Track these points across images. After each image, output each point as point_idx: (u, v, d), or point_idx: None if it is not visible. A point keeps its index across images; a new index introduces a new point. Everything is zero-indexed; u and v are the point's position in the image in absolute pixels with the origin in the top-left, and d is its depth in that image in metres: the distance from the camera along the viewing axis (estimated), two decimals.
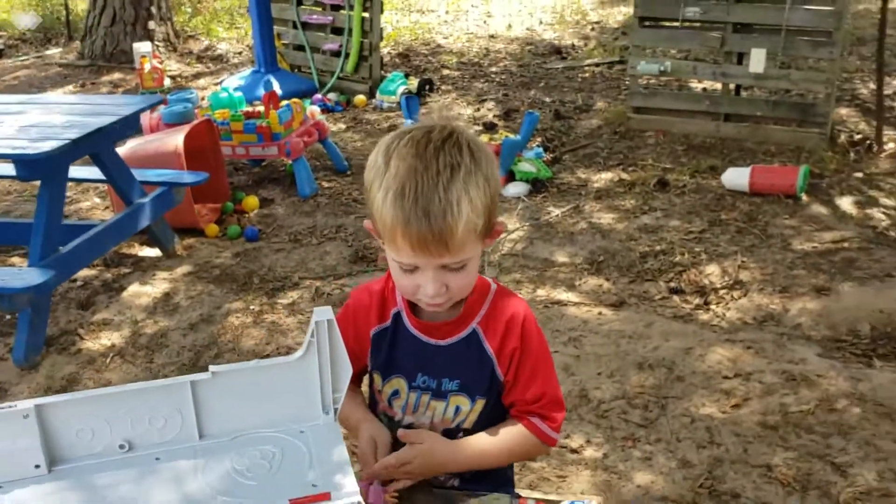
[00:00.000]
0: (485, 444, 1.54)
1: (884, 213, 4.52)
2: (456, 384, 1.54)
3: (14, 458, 1.21)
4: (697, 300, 3.79)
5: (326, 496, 1.14)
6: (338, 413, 1.30)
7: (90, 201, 5.07)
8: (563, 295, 3.84)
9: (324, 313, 1.25)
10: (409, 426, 1.58)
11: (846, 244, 4.19)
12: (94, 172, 4.06)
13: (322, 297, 3.88)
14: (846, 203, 4.65)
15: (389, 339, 1.57)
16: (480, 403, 1.55)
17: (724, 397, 3.04)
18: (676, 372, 3.20)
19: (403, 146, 1.40)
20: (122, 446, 1.26)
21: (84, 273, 4.08)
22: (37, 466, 1.22)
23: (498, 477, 1.65)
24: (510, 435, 1.55)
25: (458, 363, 1.54)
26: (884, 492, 2.59)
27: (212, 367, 1.25)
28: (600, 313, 3.67)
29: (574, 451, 2.80)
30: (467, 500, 1.43)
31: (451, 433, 1.57)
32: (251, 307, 3.80)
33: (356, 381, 1.64)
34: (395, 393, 1.58)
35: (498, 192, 1.45)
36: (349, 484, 1.17)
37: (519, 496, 1.37)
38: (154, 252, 4.36)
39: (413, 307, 1.55)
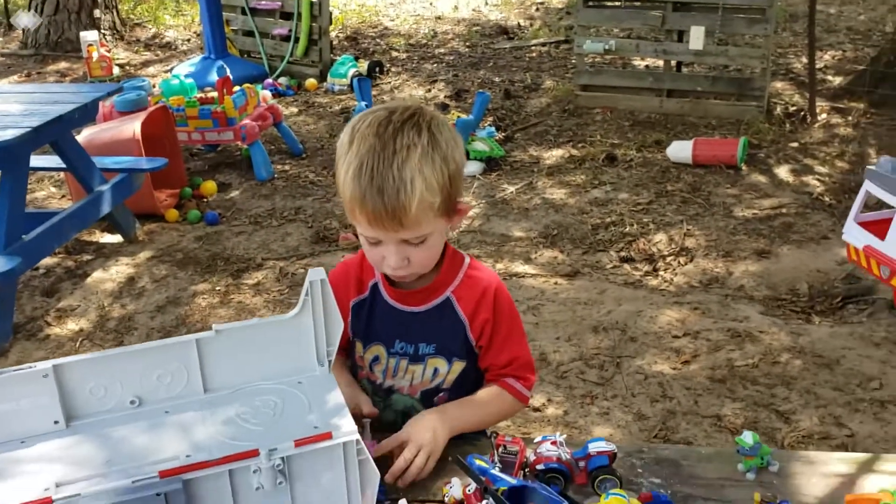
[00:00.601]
0: (469, 407, 1.63)
1: (818, 180, 4.78)
2: (432, 348, 1.65)
3: (35, 415, 1.30)
4: (647, 267, 3.98)
5: (328, 436, 1.26)
6: (331, 364, 1.42)
7: (46, 190, 5.06)
8: (520, 267, 4.00)
9: (317, 273, 1.36)
10: (390, 389, 1.70)
11: (784, 210, 4.43)
12: (52, 161, 4.08)
13: (286, 276, 3.97)
14: (783, 171, 4.90)
15: (368, 309, 1.67)
16: (459, 365, 1.66)
17: (675, 355, 3.23)
18: (629, 333, 3.38)
19: (366, 127, 1.47)
20: (132, 402, 1.36)
21: (46, 261, 4.10)
22: (55, 422, 1.31)
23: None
24: (489, 396, 1.66)
25: (432, 328, 1.64)
26: (824, 434, 2.81)
27: (215, 326, 1.36)
28: (556, 283, 3.84)
29: (536, 409, 2.96)
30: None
31: (431, 393, 1.68)
32: (217, 288, 3.88)
33: (343, 353, 1.73)
34: (376, 359, 1.68)
35: (460, 172, 1.53)
36: (347, 424, 1.29)
37: (497, 434, 1.51)
38: (115, 238, 4.40)
39: (389, 277, 1.66)
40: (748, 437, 1.43)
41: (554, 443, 1.45)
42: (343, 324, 1.39)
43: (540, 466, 1.41)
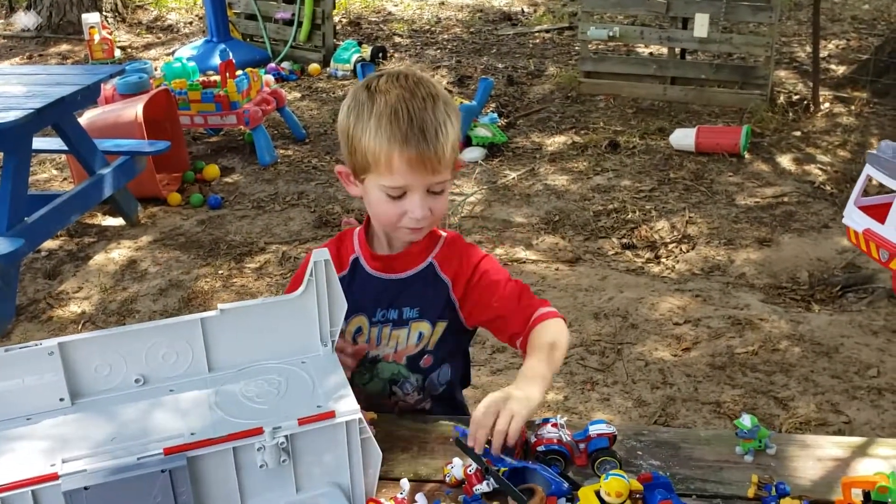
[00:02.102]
0: (541, 356, 1.53)
1: (820, 169, 4.78)
2: (416, 312, 1.67)
3: (41, 393, 1.31)
4: (648, 254, 3.99)
5: (331, 414, 1.27)
6: (334, 344, 1.43)
7: (48, 173, 5.06)
8: (521, 253, 4.01)
9: (321, 254, 1.37)
10: (375, 358, 1.70)
11: (786, 198, 4.43)
12: (55, 143, 4.08)
13: (289, 260, 3.98)
14: (786, 160, 4.90)
15: (347, 284, 1.66)
16: (441, 326, 1.67)
17: (675, 342, 3.25)
18: (630, 320, 3.39)
19: (384, 82, 1.51)
20: (137, 380, 1.37)
21: (48, 244, 4.11)
22: (61, 400, 1.33)
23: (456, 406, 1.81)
24: (540, 337, 1.57)
25: (416, 293, 1.66)
26: (821, 421, 2.82)
27: (220, 305, 1.37)
28: (557, 269, 3.85)
29: None
30: (448, 422, 1.56)
31: (416, 358, 1.69)
32: (219, 272, 3.89)
33: None
34: (359, 330, 1.70)
35: (459, 128, 1.61)
36: (350, 404, 1.30)
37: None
38: (117, 221, 4.41)
39: (371, 247, 1.67)
40: (746, 420, 1.44)
41: (555, 425, 1.46)
42: (346, 304, 1.40)
43: (541, 448, 1.42)
